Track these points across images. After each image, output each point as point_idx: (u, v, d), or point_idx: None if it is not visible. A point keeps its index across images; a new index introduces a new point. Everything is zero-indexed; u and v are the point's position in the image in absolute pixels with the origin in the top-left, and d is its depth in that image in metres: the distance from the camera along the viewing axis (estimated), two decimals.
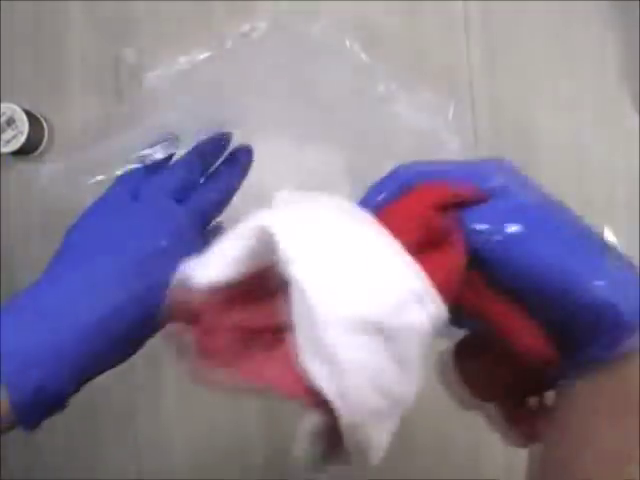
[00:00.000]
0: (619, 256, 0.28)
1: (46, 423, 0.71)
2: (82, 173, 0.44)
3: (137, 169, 0.43)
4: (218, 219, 0.46)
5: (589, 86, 0.68)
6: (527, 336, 0.26)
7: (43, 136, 0.71)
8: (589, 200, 0.68)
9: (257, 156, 0.51)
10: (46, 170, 0.44)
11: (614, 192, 0.68)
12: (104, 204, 0.41)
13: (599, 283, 0.25)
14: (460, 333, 0.30)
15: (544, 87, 0.68)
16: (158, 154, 0.42)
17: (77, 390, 0.40)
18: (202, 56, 0.40)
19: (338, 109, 0.43)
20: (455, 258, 0.25)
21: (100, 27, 0.72)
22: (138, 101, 0.40)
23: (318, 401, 0.22)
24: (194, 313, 0.25)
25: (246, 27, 0.40)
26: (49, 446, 0.72)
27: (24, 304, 0.38)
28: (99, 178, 0.44)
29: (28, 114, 0.68)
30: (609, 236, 0.67)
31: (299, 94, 0.46)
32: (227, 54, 0.40)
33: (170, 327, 0.26)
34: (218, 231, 0.45)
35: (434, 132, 0.65)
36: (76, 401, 0.71)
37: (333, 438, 0.23)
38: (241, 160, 0.47)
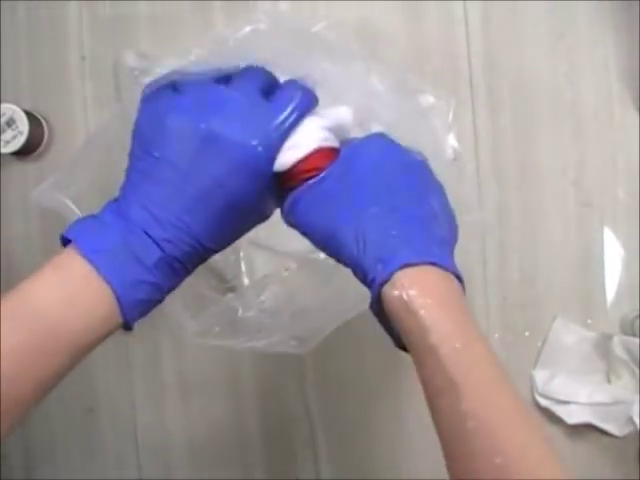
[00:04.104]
0: None
1: (46, 423, 0.72)
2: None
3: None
4: None
5: (589, 86, 0.68)
6: None
7: (43, 136, 0.71)
8: (589, 200, 0.68)
9: None
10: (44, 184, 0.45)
11: (614, 192, 0.68)
12: (196, 89, 0.39)
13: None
14: None
15: (544, 87, 0.68)
16: None
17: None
18: (202, 58, 0.40)
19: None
20: None
21: (100, 27, 0.72)
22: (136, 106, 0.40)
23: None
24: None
25: (246, 28, 0.40)
26: (49, 446, 0.72)
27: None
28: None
29: (28, 114, 0.68)
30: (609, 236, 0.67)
31: None
32: (227, 55, 0.41)
33: None
34: None
35: (434, 132, 0.65)
36: (76, 401, 0.72)
37: None
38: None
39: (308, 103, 0.40)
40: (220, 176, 0.37)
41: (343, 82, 0.44)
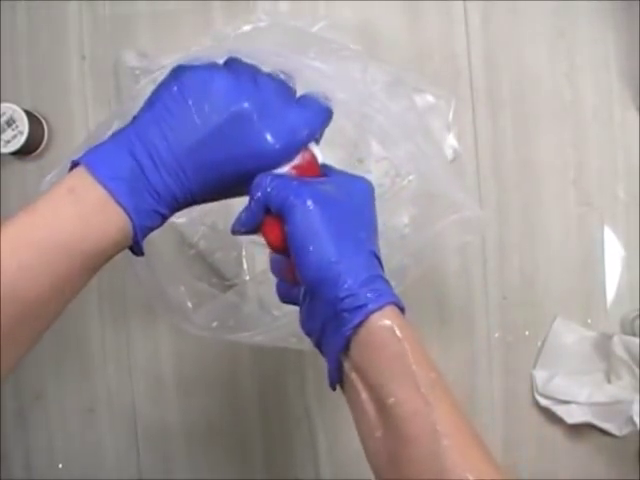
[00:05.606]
0: None
1: (46, 423, 0.72)
2: None
3: None
4: None
5: (589, 85, 0.68)
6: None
7: (43, 136, 0.71)
8: (589, 200, 0.68)
9: None
10: (49, 176, 0.45)
11: (614, 192, 0.68)
12: (247, 69, 0.42)
13: None
14: None
15: (545, 87, 0.68)
16: None
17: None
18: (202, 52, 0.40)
19: (337, 109, 0.43)
20: None
21: (100, 27, 0.72)
22: (136, 101, 0.40)
23: None
24: None
25: (247, 28, 0.40)
26: (49, 446, 0.72)
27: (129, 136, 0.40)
28: None
29: (28, 114, 0.68)
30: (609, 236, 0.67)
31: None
32: (227, 55, 0.41)
33: None
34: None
35: (433, 131, 0.65)
36: (76, 401, 0.72)
37: None
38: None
39: (328, 120, 0.43)
40: (231, 150, 0.40)
41: (339, 82, 0.44)
